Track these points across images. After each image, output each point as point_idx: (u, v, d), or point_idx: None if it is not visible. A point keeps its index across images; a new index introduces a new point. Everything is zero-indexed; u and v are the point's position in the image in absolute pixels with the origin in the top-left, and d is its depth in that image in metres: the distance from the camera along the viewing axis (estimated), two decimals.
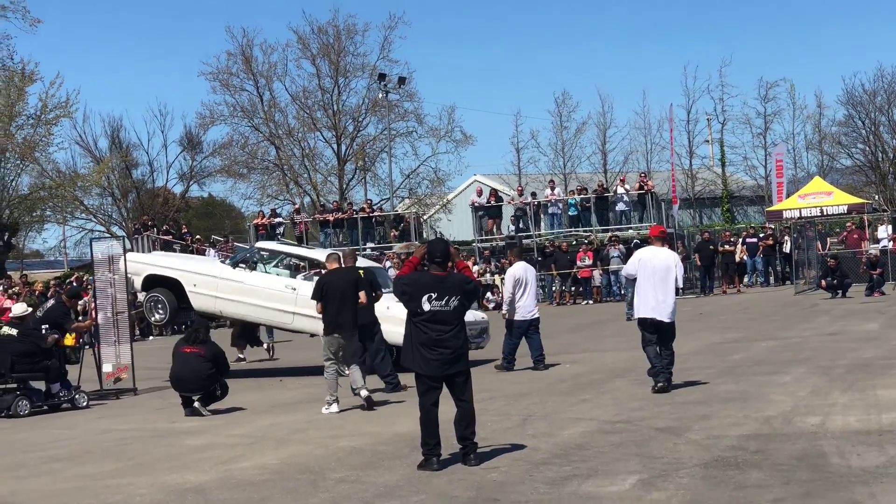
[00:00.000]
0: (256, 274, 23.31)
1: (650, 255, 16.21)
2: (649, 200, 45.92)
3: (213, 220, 75.28)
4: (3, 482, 12.33)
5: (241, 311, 23.26)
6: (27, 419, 18.39)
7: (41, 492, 11.58)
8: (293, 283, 22.98)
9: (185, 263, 24.68)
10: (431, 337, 11.26)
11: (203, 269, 24.11)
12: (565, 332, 29.83)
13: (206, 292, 23.07)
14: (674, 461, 10.83)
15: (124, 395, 21.00)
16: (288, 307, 22.37)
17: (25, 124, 51.54)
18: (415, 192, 65.10)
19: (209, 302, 23.30)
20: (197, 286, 23.29)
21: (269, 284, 23.01)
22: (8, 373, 18.87)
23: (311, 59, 64.65)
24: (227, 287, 23.04)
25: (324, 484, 10.90)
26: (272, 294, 22.70)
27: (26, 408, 18.83)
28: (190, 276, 23.52)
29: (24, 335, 19.27)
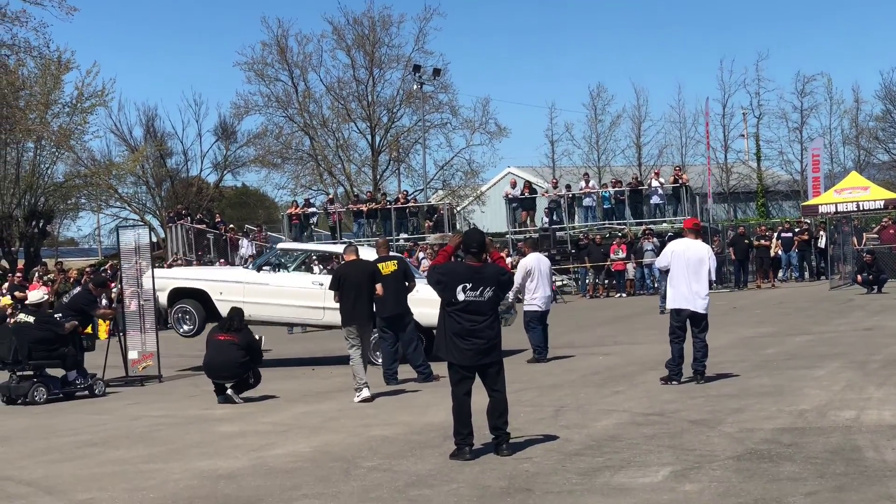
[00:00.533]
0: (282, 274, 23.42)
1: (683, 248, 16.18)
2: (683, 194, 45.77)
3: (246, 209, 75.51)
4: (38, 466, 12.41)
5: (271, 312, 23.25)
6: (58, 405, 18.48)
7: (75, 476, 11.64)
8: (320, 279, 23.15)
9: (208, 273, 24.88)
10: (465, 327, 11.25)
11: (228, 277, 24.25)
12: (598, 324, 29.79)
13: (233, 298, 22.80)
14: (707, 453, 10.79)
15: (149, 383, 21.12)
16: (317, 303, 22.39)
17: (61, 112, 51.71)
18: (448, 184, 65.09)
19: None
20: (223, 294, 23.23)
21: (296, 283, 23.13)
22: (25, 360, 18.90)
23: (346, 49, 64.75)
24: (254, 291, 23.09)
25: (356, 472, 10.91)
26: (300, 292, 22.79)
27: (43, 395, 18.87)
28: (215, 285, 23.54)
29: (42, 322, 19.35)
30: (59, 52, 50.48)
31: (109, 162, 61.59)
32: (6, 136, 48.21)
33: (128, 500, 10.19)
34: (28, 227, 50.11)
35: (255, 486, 10.48)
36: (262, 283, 23.15)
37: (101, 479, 11.37)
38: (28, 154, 51.71)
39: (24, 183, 50.45)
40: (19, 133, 47.89)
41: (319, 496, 9.89)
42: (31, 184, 50.98)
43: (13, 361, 18.92)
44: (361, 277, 17.20)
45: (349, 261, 17.63)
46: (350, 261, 17.61)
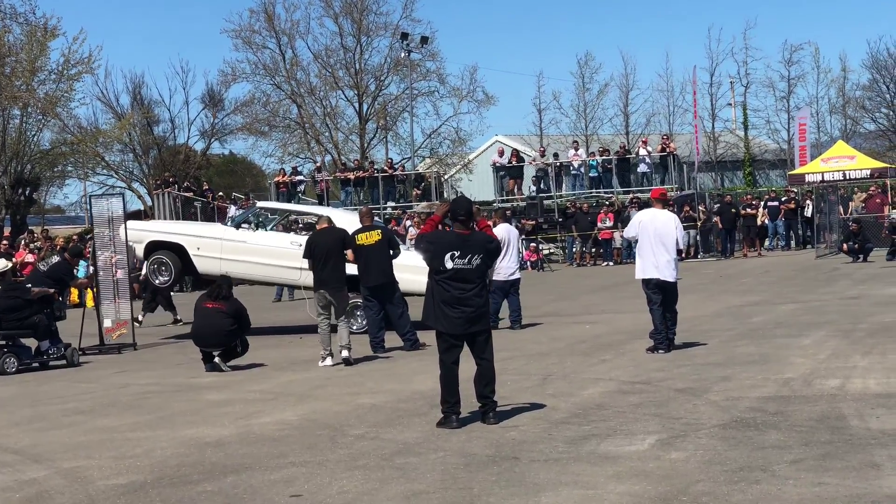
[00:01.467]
0: (261, 233, 23.25)
1: (650, 217, 16.31)
2: (671, 163, 45.79)
3: (234, 177, 75.35)
4: (25, 434, 12.42)
5: (248, 270, 23.15)
6: (47, 373, 18.47)
7: (62, 443, 11.65)
8: (299, 239, 22.88)
9: (186, 228, 24.62)
10: (454, 295, 11.26)
11: (206, 232, 23.99)
12: (585, 293, 29.86)
13: (210, 255, 22.86)
14: (693, 422, 10.83)
15: (125, 350, 21.12)
16: (295, 263, 22.10)
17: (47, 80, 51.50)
18: (436, 152, 65.02)
19: (214, 264, 22.98)
20: (201, 249, 23.08)
21: (275, 242, 22.95)
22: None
23: (333, 17, 64.48)
24: (232, 248, 22.93)
25: (343, 440, 10.93)
26: (278, 251, 22.62)
27: (14, 365, 18.69)
28: (193, 240, 23.30)
29: (8, 290, 19.28)
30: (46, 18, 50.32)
31: (96, 129, 61.33)
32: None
33: (115, 468, 10.20)
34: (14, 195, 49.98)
35: (242, 454, 10.50)
36: (240, 241, 22.96)
37: (88, 446, 11.38)
38: (14, 121, 51.51)
39: (9, 150, 50.27)
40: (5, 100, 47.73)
41: (306, 464, 9.91)
42: (17, 151, 50.79)
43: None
44: (331, 243, 17.48)
45: (320, 228, 17.99)
46: (321, 228, 17.96)
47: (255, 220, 23.72)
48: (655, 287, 16.18)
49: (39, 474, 10.13)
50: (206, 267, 23.16)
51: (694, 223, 41.85)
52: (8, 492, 9.51)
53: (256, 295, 23.75)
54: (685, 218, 40.60)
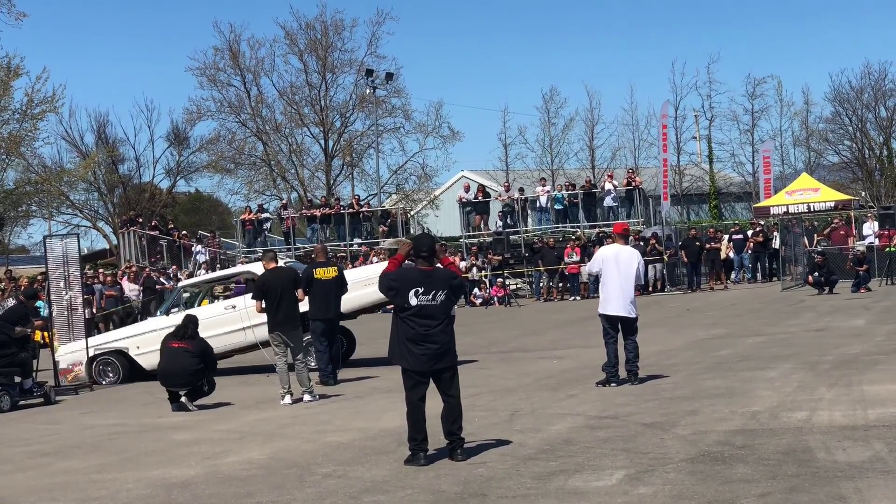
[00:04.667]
0: (193, 310, 22.48)
1: (614, 253, 16.45)
2: (637, 196, 45.96)
3: (200, 215, 75.24)
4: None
5: None
6: (9, 414, 18.38)
7: (27, 486, 11.56)
8: (231, 301, 23.29)
9: (120, 332, 24.39)
10: (419, 332, 11.24)
11: (139, 330, 23.72)
12: (552, 327, 29.86)
13: (151, 349, 21.94)
14: (660, 456, 10.84)
15: (82, 391, 20.95)
16: (237, 325, 22.09)
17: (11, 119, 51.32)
18: (402, 188, 65.17)
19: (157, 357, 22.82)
20: (140, 347, 22.65)
21: (211, 313, 22.52)
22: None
23: (298, 54, 64.67)
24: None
25: (311, 479, 10.90)
26: (218, 321, 22.10)
27: (8, 403, 18.78)
28: (130, 341, 22.99)
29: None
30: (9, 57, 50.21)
31: (61, 168, 61.24)
32: None
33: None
34: None
35: (209, 494, 10.45)
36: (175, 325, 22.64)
37: (52, 489, 11.30)
38: None
39: None
40: None
41: (274, 503, 9.86)
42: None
43: None
44: (284, 283, 17.50)
45: (270, 268, 17.95)
46: (271, 268, 17.94)
47: (183, 301, 23.65)
48: (614, 321, 16.30)
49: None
50: (152, 362, 21.94)
51: (660, 256, 41.97)
52: None
53: None
54: (651, 251, 40.74)
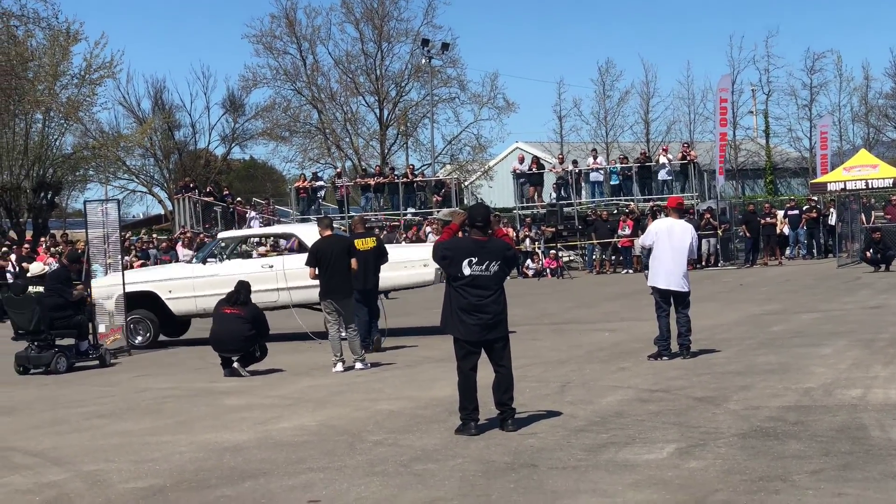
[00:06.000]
0: (230, 263, 23.10)
1: (667, 227, 16.41)
2: (691, 170, 45.64)
3: (254, 182, 75.54)
4: (46, 437, 12.45)
5: None
6: (65, 376, 18.55)
7: (83, 447, 11.68)
8: (268, 261, 23.20)
9: (153, 273, 24.47)
10: (471, 302, 11.24)
11: (174, 274, 23.86)
12: (605, 300, 29.80)
13: (183, 295, 22.71)
14: (712, 431, 10.80)
15: (121, 356, 21.09)
16: (271, 285, 22.22)
17: (70, 84, 51.63)
18: (456, 159, 65.12)
19: (189, 304, 22.95)
20: (173, 292, 22.91)
21: (246, 269, 22.60)
22: (48, 330, 19.00)
23: (354, 23, 64.70)
24: (204, 283, 22.68)
25: (361, 446, 10.93)
26: (252, 278, 22.30)
27: (65, 365, 18.99)
28: (163, 285, 23.17)
29: (51, 290, 19.42)
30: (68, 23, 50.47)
31: (118, 134, 61.61)
32: (15, 108, 48.16)
33: (134, 472, 10.22)
34: (36, 199, 50.15)
35: (260, 460, 10.51)
36: (210, 275, 22.75)
37: (107, 450, 11.41)
38: (37, 125, 51.71)
39: (32, 154, 50.45)
40: (28, 104, 47.86)
41: (324, 469, 9.91)
42: (39, 155, 50.97)
43: (33, 331, 18.99)
44: (338, 252, 17.55)
45: (325, 236, 17.96)
46: (326, 236, 17.92)
47: (220, 252, 23.64)
48: (667, 295, 16.24)
49: (59, 477, 10.16)
50: (181, 308, 23.03)
51: (714, 231, 41.76)
52: (28, 494, 9.54)
53: None
54: (705, 225, 40.52)
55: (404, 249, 23.67)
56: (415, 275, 22.02)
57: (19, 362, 19.06)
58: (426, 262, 21.77)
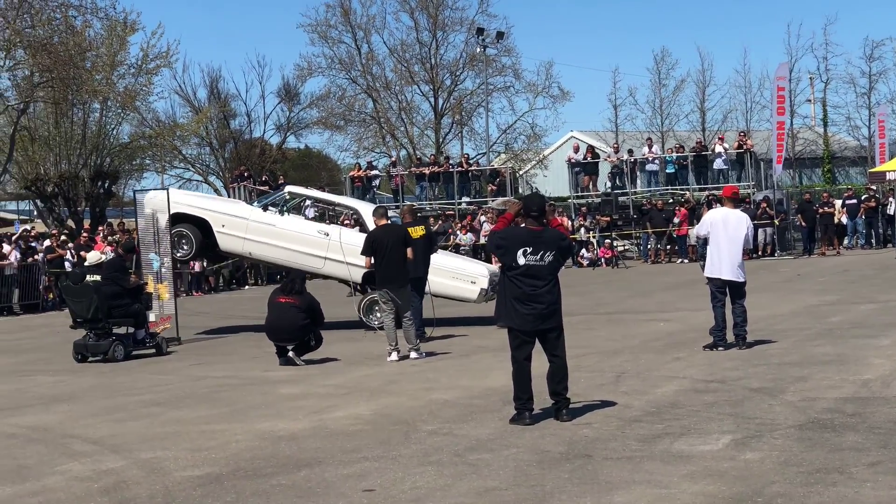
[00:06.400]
0: (288, 217, 23.16)
1: (723, 216, 16.29)
2: (748, 159, 45.33)
3: (309, 171, 75.63)
4: (104, 424, 12.55)
5: (270, 253, 23.03)
6: (122, 364, 18.69)
7: (140, 434, 11.77)
8: (326, 228, 22.98)
9: (214, 204, 24.38)
10: (525, 291, 11.23)
11: (232, 211, 23.73)
12: (659, 290, 29.70)
13: (234, 233, 22.79)
14: (768, 422, 10.74)
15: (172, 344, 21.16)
16: (320, 252, 22.29)
17: (127, 73, 51.91)
18: (511, 148, 65.02)
19: (237, 243, 23.06)
20: (225, 227, 22.94)
21: (302, 229, 22.88)
22: (105, 318, 19.16)
23: (409, 12, 64.71)
24: (257, 229, 22.78)
25: (416, 436, 10.96)
26: (304, 238, 22.53)
27: (122, 353, 19.13)
28: (218, 217, 23.12)
29: (109, 279, 19.56)
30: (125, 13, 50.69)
31: (174, 123, 61.92)
32: (73, 97, 48.51)
33: (191, 460, 10.30)
34: (94, 187, 50.46)
35: (315, 448, 10.55)
36: (266, 223, 22.83)
37: (164, 438, 11.50)
38: (94, 115, 52.03)
39: (90, 143, 50.78)
40: (86, 94, 48.15)
41: (379, 459, 9.94)
42: (97, 144, 51.30)
43: (91, 319, 19.16)
44: (394, 241, 17.57)
45: (381, 225, 17.93)
46: (382, 225, 17.89)
47: (281, 204, 23.55)
48: (722, 285, 16.14)
49: (117, 465, 10.25)
50: (228, 245, 23.19)
51: (771, 221, 41.49)
52: (87, 481, 9.63)
53: (330, 289, 23.78)
54: (761, 215, 40.26)
55: (458, 261, 23.52)
56: (460, 288, 22.02)
57: (77, 350, 19.23)
58: (475, 279, 21.85)
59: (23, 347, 22.76)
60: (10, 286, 32.55)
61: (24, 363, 19.88)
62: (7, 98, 48.95)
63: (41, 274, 33.53)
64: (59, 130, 50.22)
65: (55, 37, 45.85)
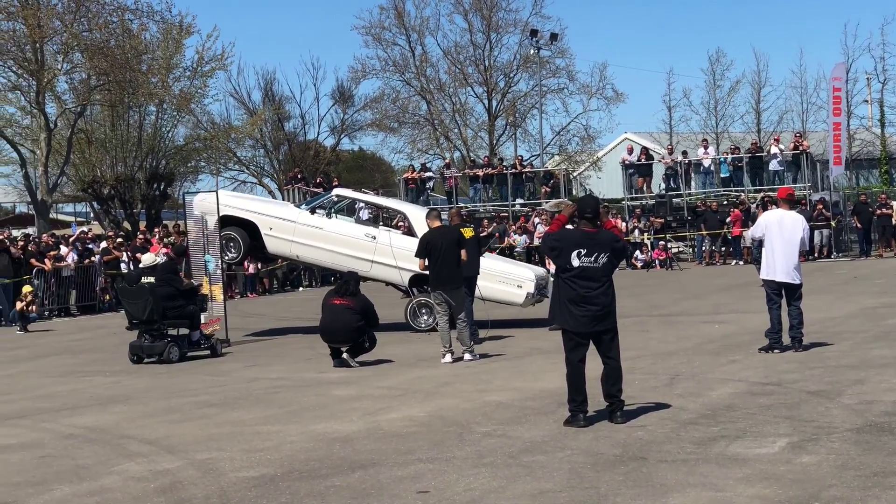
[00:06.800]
0: (336, 220, 23.24)
1: (778, 218, 16.14)
2: (804, 160, 44.99)
3: (363, 173, 75.88)
4: (159, 425, 12.64)
5: (318, 256, 23.14)
6: (178, 365, 18.79)
7: (195, 435, 11.84)
8: (373, 231, 23.07)
9: (261, 206, 24.40)
10: (580, 293, 11.21)
11: (280, 213, 23.79)
12: (714, 291, 29.54)
13: (282, 236, 22.92)
14: (825, 425, 10.66)
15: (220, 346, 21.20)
16: (366, 255, 22.41)
17: (182, 76, 52.34)
18: (565, 149, 64.92)
19: (285, 246, 23.18)
20: (273, 229, 23.06)
21: (349, 231, 22.98)
22: (160, 319, 19.28)
23: (463, 14, 64.73)
24: (305, 232, 22.90)
25: (470, 437, 10.96)
26: (351, 241, 22.59)
27: (177, 354, 19.23)
28: (266, 220, 23.24)
29: (163, 281, 19.68)
30: (181, 16, 51.14)
31: (228, 125, 62.29)
32: (129, 100, 48.94)
33: (246, 461, 10.35)
34: (149, 190, 50.88)
35: (369, 450, 10.58)
36: (313, 226, 22.94)
37: (219, 439, 11.56)
38: (150, 117, 52.48)
39: (145, 146, 51.22)
40: (142, 97, 48.56)
41: (433, 461, 9.95)
42: (152, 146, 51.74)
43: (146, 321, 19.29)
44: (447, 242, 17.55)
45: (435, 227, 17.92)
46: (435, 227, 17.90)
47: (329, 207, 23.62)
48: (778, 287, 16.02)
49: (173, 465, 10.32)
50: (276, 247, 23.34)
51: (827, 222, 41.17)
52: (143, 482, 9.70)
53: (384, 291, 23.79)
54: (817, 216, 39.96)
55: (505, 264, 23.48)
56: (507, 292, 21.99)
57: (133, 351, 19.37)
58: (521, 283, 21.84)
59: (80, 348, 22.95)
60: (67, 288, 32.86)
61: (81, 364, 20.05)
62: (64, 101, 49.49)
63: (98, 275, 33.81)
64: (116, 133, 50.71)
65: (112, 40, 46.33)
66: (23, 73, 46.61)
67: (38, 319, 28.77)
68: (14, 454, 11.34)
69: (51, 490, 9.62)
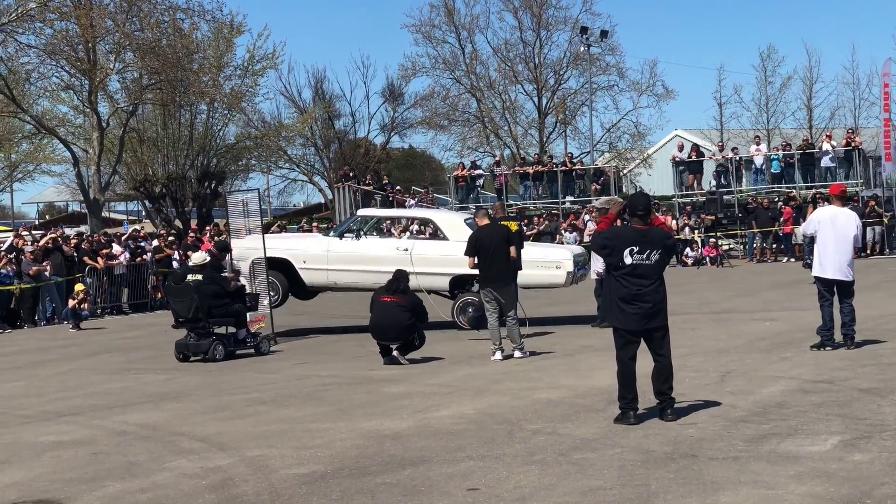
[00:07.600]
0: (366, 241, 23.29)
1: (830, 215, 16.01)
2: (856, 157, 44.64)
3: (413, 171, 76.01)
4: (210, 422, 12.72)
5: (356, 279, 23.06)
6: (228, 363, 18.88)
7: (245, 433, 11.91)
8: (405, 244, 23.21)
9: (290, 243, 24.63)
10: (631, 291, 11.19)
11: (310, 246, 23.98)
12: (765, 289, 29.36)
13: (317, 266, 23.06)
14: (878, 423, 10.58)
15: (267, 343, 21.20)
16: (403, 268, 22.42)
17: (233, 75, 52.59)
18: (615, 146, 64.78)
19: (321, 276, 23.29)
20: (307, 262, 23.22)
21: (381, 249, 23.00)
22: (206, 318, 19.36)
23: (513, 11, 64.76)
24: (338, 258, 23.00)
25: (520, 434, 10.96)
26: (385, 258, 22.38)
27: (222, 352, 19.28)
28: (298, 254, 23.43)
29: (209, 279, 19.77)
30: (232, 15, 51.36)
31: (279, 123, 62.59)
32: (181, 99, 49.24)
33: (296, 458, 10.40)
34: (201, 188, 51.16)
35: (420, 447, 10.60)
36: (345, 251, 23.05)
37: (269, 436, 11.62)
38: (201, 116, 52.80)
39: (197, 144, 51.53)
40: (193, 95, 48.84)
41: (483, 458, 9.96)
42: (203, 145, 52.04)
43: (192, 319, 19.40)
44: (496, 239, 17.51)
45: (483, 225, 17.90)
46: (484, 225, 17.87)
47: (356, 229, 23.78)
48: (829, 284, 15.91)
49: (224, 462, 10.39)
50: (313, 279, 23.41)
51: (879, 219, 40.83)
52: (195, 478, 9.77)
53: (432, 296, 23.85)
54: (870, 213, 39.65)
55: (540, 249, 23.48)
56: (547, 275, 21.92)
57: (179, 349, 19.48)
58: (559, 263, 21.84)
59: (132, 346, 23.12)
60: (119, 286, 33.13)
61: (132, 361, 20.20)
62: (117, 100, 49.88)
63: (149, 273, 34.06)
64: (167, 132, 51.06)
65: (163, 39, 46.59)
66: (75, 72, 47.04)
67: (90, 317, 29.01)
68: (67, 451, 11.45)
69: (103, 486, 9.70)
